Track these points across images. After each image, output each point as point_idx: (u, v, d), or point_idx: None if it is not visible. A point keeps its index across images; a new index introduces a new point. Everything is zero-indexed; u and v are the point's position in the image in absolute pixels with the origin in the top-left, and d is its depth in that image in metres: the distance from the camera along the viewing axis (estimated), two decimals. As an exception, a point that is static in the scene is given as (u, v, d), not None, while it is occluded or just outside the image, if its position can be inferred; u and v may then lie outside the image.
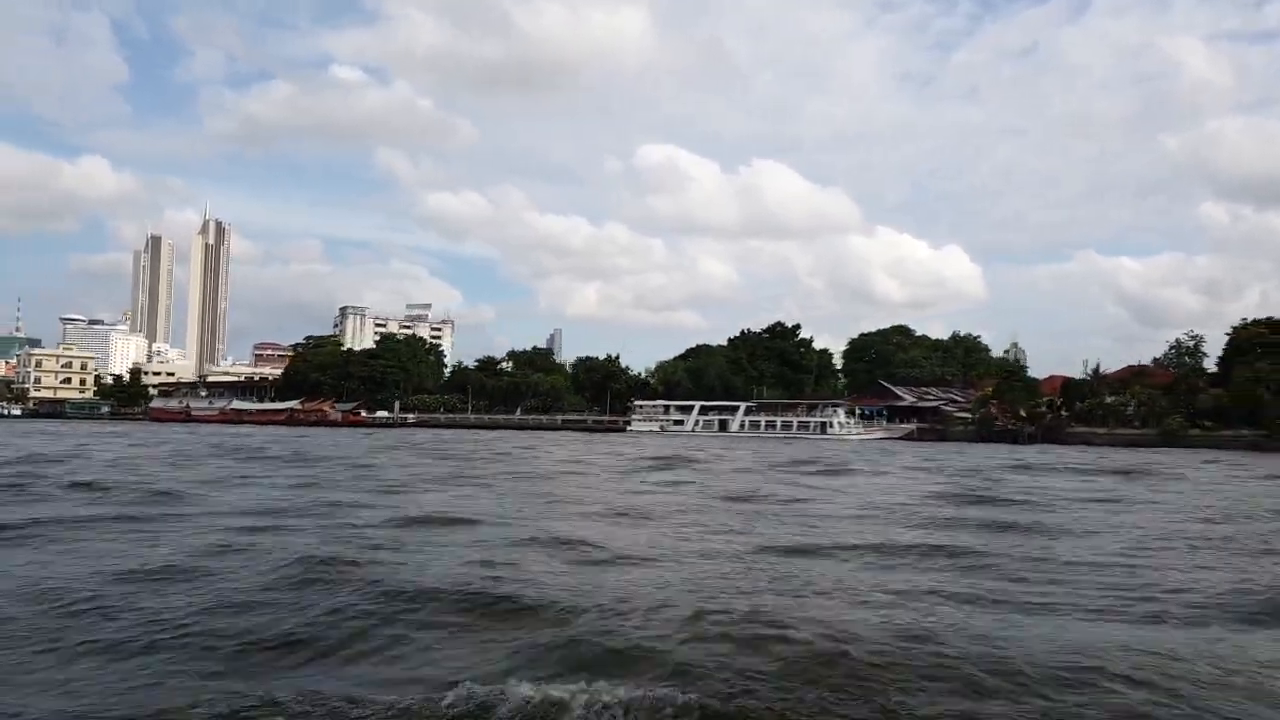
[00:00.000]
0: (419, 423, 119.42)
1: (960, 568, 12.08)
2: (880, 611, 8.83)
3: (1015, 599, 9.78)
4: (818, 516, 18.24)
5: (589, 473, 31.55)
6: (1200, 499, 24.11)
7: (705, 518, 17.64)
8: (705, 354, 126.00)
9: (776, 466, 38.04)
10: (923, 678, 6.62)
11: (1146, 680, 6.68)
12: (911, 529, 16.32)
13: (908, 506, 20.67)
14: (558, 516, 17.28)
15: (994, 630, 8.11)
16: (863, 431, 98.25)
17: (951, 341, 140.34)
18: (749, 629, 7.73)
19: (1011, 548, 13.90)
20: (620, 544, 13.22)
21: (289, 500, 19.07)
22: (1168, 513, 20.00)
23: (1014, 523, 17.11)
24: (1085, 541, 14.81)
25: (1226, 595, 10.14)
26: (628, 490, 24.39)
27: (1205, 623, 8.86)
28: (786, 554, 12.71)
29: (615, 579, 10.42)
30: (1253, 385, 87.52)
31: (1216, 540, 15.24)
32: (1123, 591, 10.38)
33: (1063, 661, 7.06)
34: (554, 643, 7.44)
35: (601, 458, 42.57)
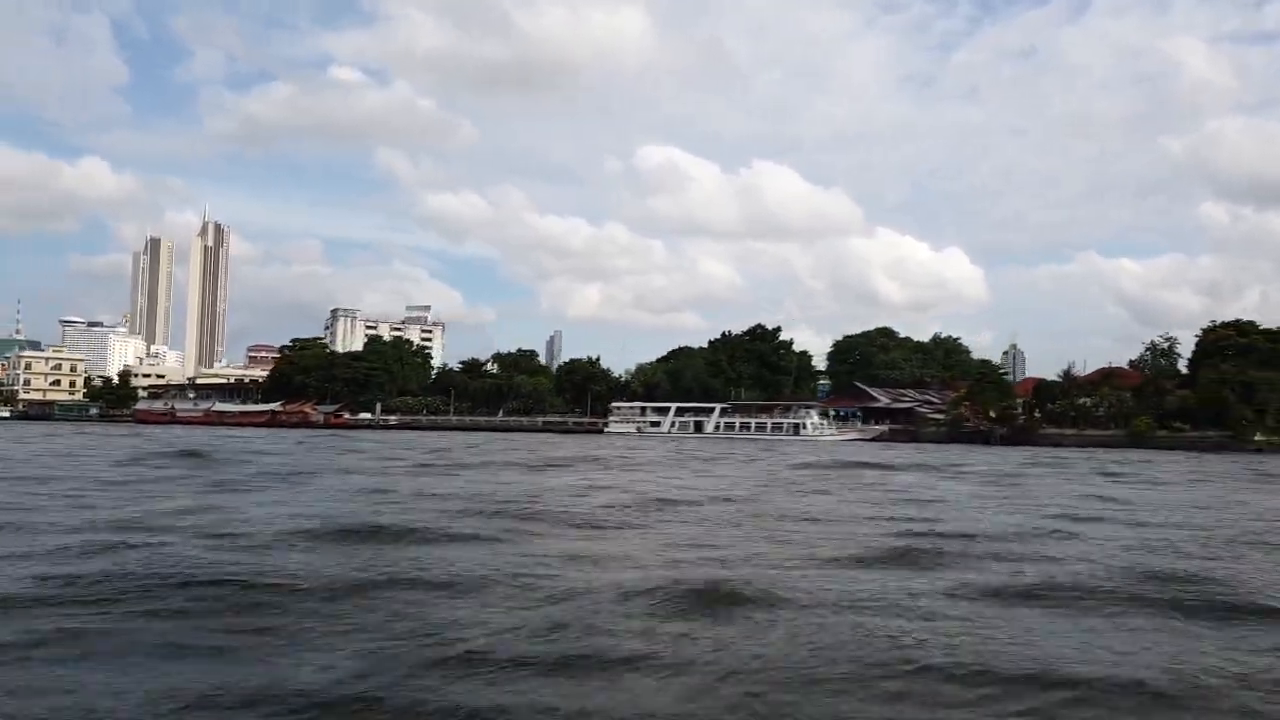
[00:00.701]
0: (401, 425, 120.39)
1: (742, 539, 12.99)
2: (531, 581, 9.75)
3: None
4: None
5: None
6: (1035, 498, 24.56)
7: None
8: (685, 356, 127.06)
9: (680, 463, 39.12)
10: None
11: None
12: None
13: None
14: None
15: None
16: (835, 433, 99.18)
17: (932, 344, 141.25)
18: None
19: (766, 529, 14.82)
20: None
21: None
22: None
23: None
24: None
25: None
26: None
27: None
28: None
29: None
30: (1218, 387, 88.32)
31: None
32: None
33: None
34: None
35: (510, 454, 43.62)
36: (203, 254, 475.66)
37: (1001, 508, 20.75)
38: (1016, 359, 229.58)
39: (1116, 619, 8.80)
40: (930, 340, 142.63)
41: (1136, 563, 11.97)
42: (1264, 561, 12.92)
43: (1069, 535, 15.19)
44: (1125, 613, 9.03)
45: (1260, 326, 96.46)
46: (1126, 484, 31.30)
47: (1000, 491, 26.46)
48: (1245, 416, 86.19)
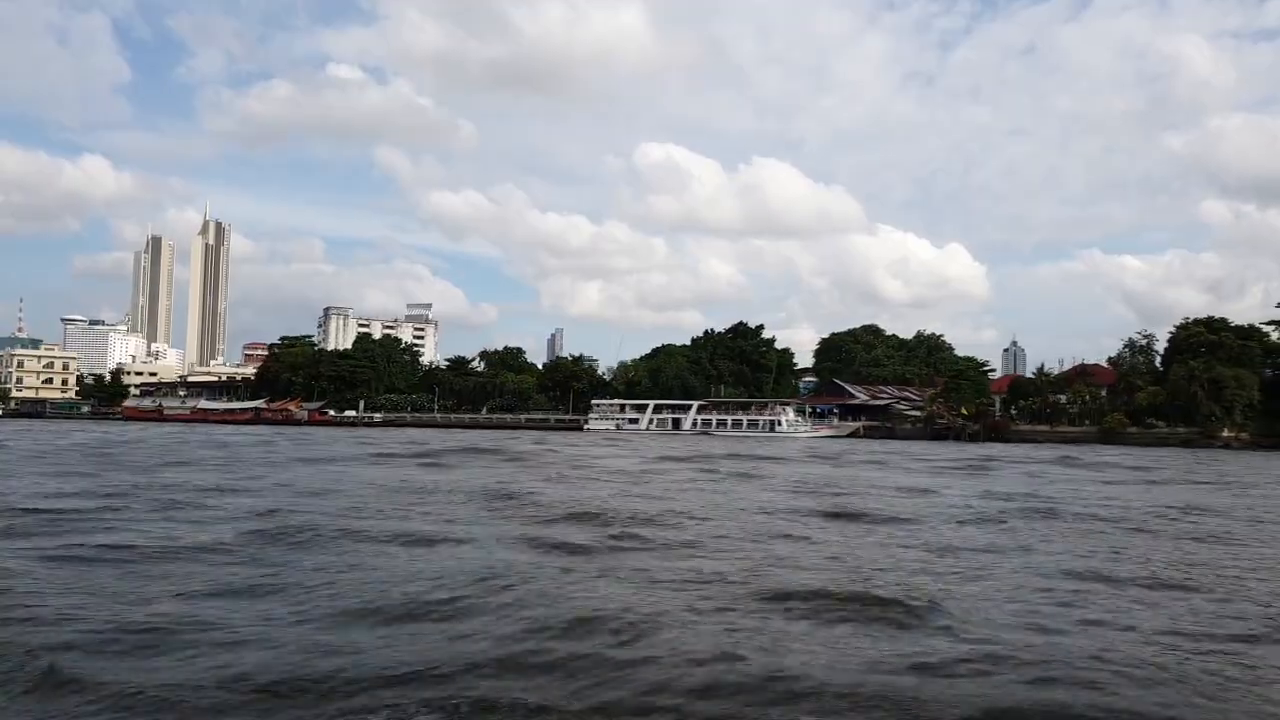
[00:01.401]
0: (385, 422, 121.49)
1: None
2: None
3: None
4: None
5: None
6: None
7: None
8: (666, 354, 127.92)
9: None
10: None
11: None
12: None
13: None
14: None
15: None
16: (809, 430, 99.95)
17: (916, 341, 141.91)
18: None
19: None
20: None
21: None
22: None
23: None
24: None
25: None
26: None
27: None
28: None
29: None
30: (1187, 383, 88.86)
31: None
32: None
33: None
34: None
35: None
36: (203, 253, 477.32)
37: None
38: (1017, 356, 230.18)
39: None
40: (914, 338, 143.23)
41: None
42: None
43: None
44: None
45: (1232, 323, 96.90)
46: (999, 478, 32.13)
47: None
48: (1213, 413, 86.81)
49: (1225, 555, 13.51)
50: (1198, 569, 12.08)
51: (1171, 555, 13.36)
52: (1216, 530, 16.70)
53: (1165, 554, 13.44)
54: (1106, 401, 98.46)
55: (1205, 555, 13.45)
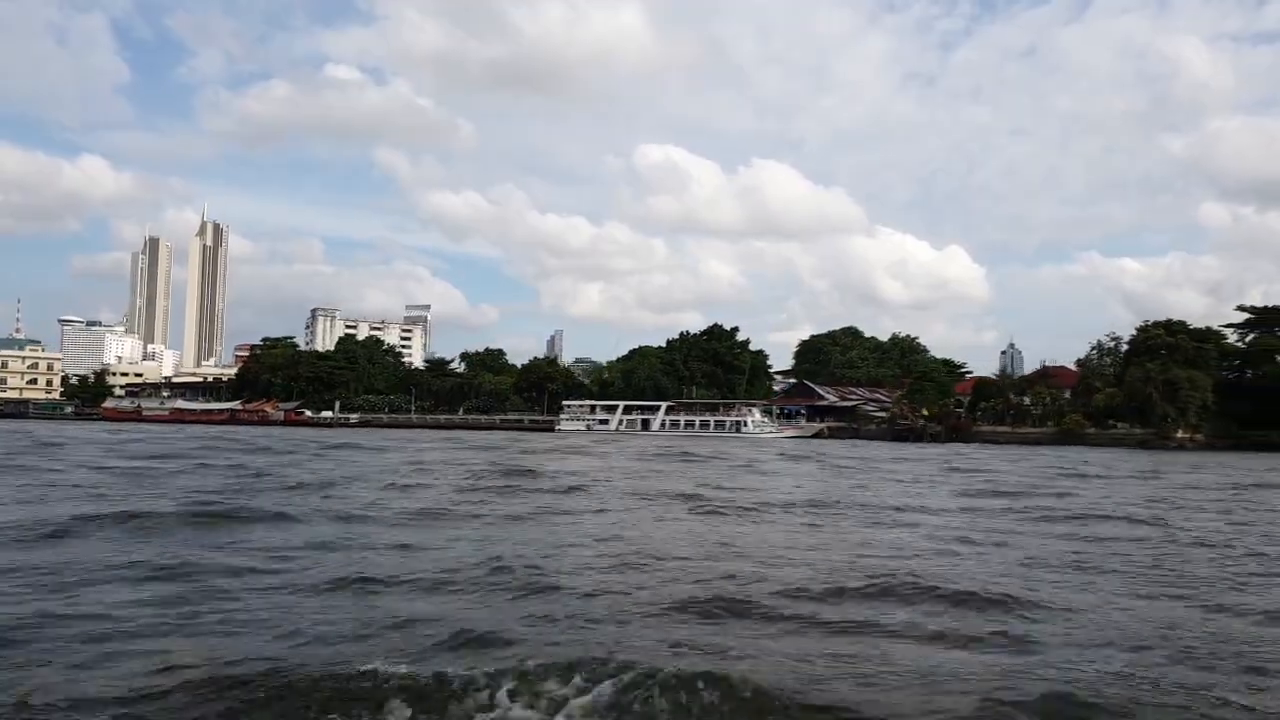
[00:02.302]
0: (361, 423, 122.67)
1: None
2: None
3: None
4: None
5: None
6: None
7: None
8: (641, 355, 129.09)
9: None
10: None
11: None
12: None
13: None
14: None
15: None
16: (775, 430, 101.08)
17: (890, 343, 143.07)
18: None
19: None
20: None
21: None
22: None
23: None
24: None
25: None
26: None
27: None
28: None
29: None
30: (1143, 385, 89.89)
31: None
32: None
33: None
34: None
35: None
36: (201, 254, 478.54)
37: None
38: (1014, 358, 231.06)
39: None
40: (889, 340, 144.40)
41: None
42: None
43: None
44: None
45: (1190, 326, 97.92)
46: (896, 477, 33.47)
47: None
48: (1168, 414, 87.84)
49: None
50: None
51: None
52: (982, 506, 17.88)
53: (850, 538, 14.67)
54: (1069, 403, 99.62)
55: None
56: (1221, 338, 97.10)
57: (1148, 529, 17.05)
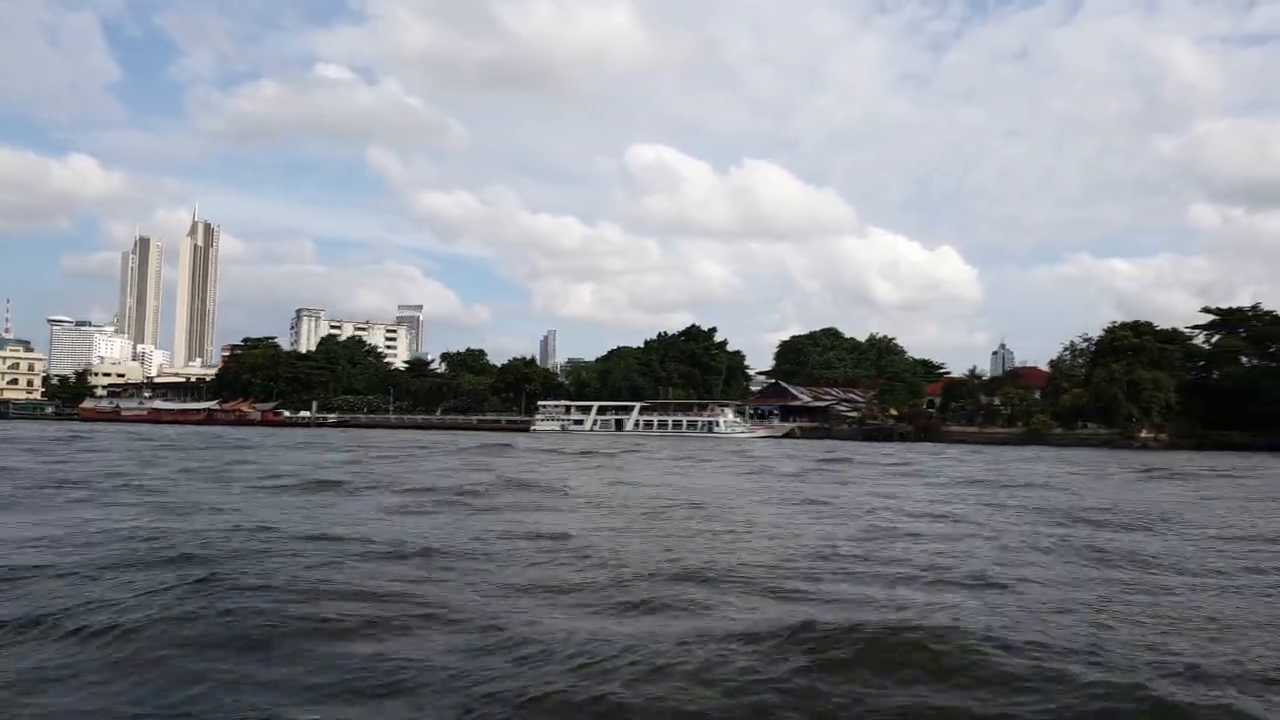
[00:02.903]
0: (339, 422, 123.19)
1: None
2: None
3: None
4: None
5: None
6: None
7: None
8: (618, 356, 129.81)
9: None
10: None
11: None
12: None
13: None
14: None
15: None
16: (746, 430, 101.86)
17: (868, 344, 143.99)
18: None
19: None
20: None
21: None
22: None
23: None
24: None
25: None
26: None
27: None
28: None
29: None
30: (1108, 385, 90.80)
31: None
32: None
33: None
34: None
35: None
36: (192, 253, 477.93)
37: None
38: (1005, 359, 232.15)
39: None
40: (866, 341, 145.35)
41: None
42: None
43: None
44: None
45: (1156, 327, 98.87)
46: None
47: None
48: (1132, 414, 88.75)
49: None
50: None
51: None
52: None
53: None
54: (1037, 404, 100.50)
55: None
56: (1187, 339, 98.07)
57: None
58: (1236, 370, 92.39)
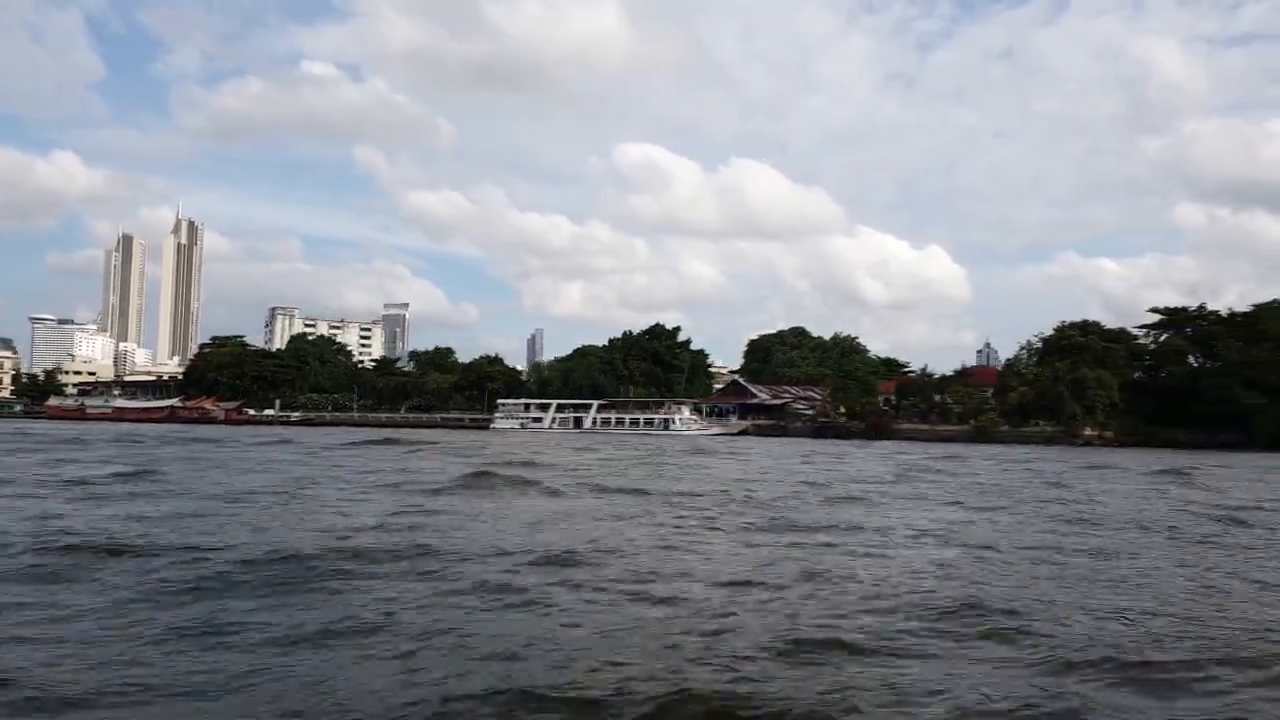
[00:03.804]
0: (303, 421, 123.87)
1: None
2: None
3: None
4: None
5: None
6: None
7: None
8: (581, 355, 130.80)
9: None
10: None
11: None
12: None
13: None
14: None
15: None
16: (700, 428, 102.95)
17: (831, 343, 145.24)
18: None
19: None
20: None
21: None
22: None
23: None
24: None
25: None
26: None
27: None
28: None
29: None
30: (1053, 384, 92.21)
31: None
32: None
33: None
34: None
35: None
36: (176, 251, 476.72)
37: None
38: (990, 358, 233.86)
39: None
40: (830, 339, 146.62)
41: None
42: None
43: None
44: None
45: (1103, 327, 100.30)
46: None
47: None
48: (1075, 412, 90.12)
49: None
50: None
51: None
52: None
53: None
54: (987, 401, 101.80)
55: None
56: (1133, 338, 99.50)
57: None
58: (1180, 370, 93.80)
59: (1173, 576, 11.24)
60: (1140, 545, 14.14)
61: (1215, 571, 11.74)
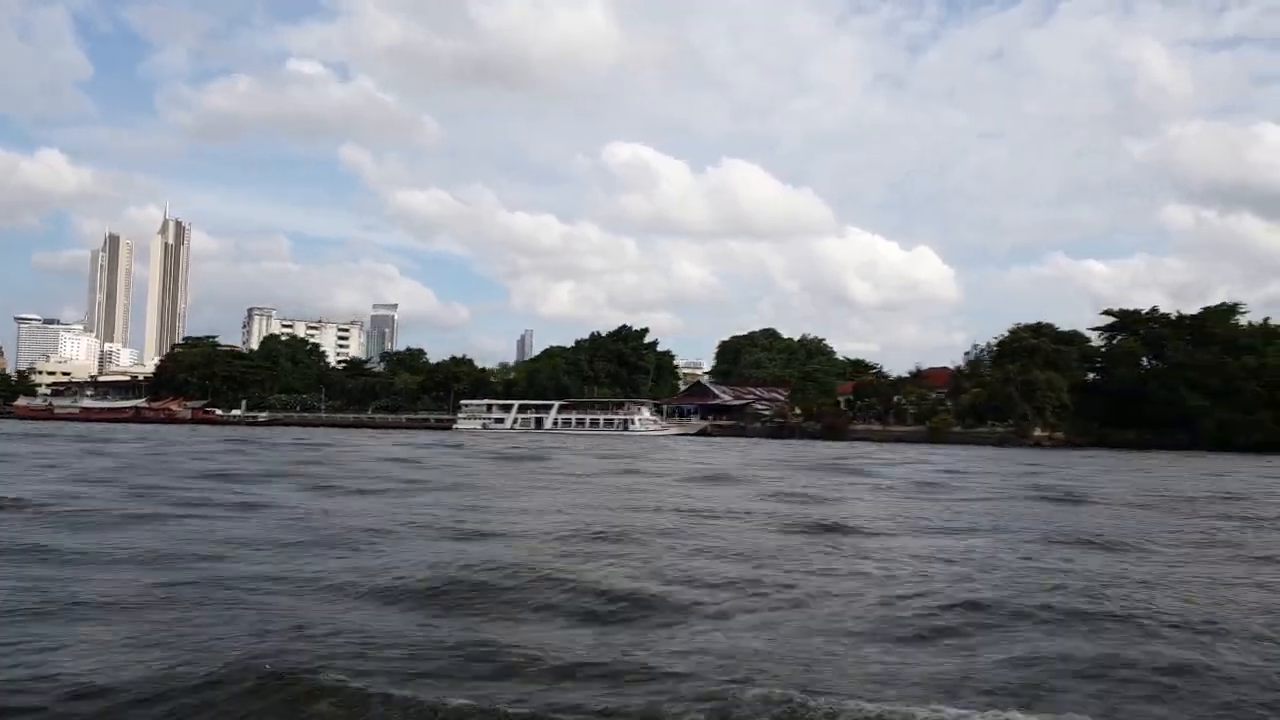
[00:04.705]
0: (270, 421, 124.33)
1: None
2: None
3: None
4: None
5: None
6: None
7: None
8: (547, 356, 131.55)
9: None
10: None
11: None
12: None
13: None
14: None
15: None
16: (659, 428, 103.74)
17: (798, 344, 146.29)
18: None
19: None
20: None
21: None
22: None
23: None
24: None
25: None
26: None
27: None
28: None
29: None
30: (1004, 385, 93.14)
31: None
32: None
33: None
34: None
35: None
36: (163, 251, 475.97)
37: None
38: (978, 358, 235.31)
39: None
40: (797, 341, 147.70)
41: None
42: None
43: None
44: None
45: (1057, 329, 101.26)
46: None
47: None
48: (1025, 413, 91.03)
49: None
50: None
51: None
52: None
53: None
54: (944, 403, 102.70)
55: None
56: (1086, 341, 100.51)
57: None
58: (1129, 372, 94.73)
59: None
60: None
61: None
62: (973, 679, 6.65)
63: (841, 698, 5.86)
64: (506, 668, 6.60)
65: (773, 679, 6.31)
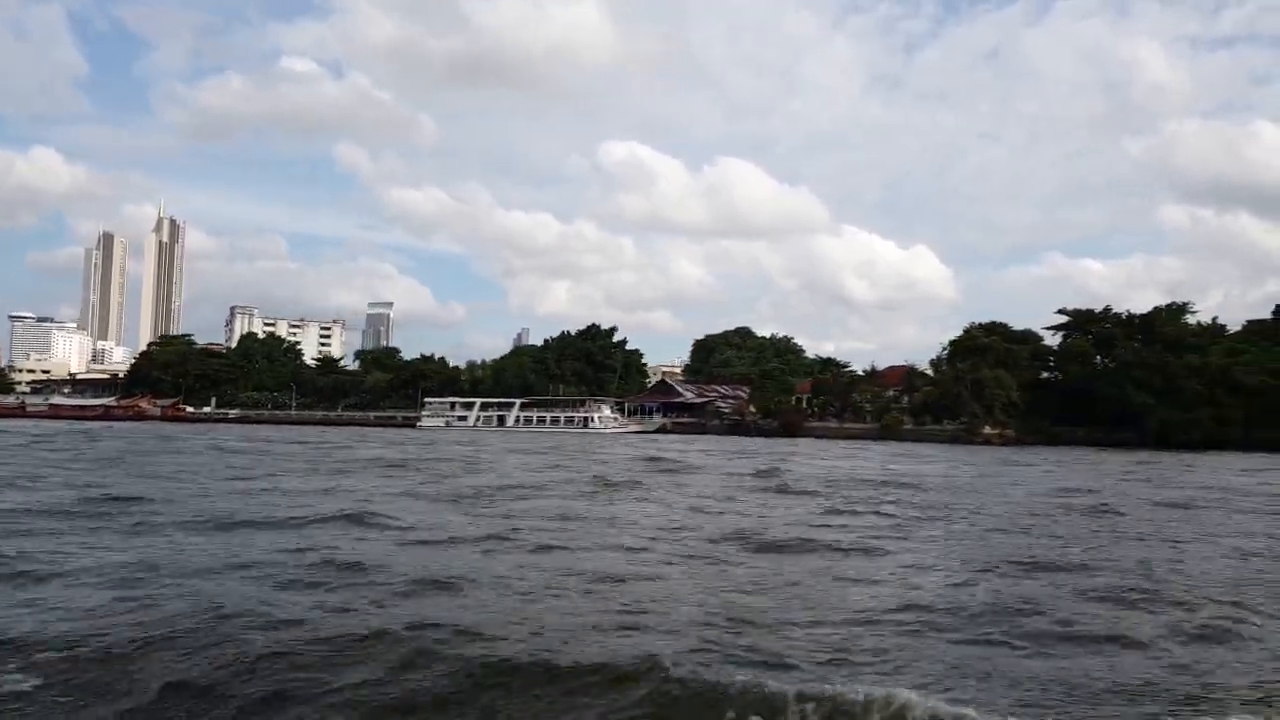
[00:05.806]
0: (240, 418, 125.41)
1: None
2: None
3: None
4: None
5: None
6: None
7: None
8: (516, 355, 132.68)
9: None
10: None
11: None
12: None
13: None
14: None
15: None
16: (618, 426, 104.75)
17: (768, 343, 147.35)
18: None
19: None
20: None
21: None
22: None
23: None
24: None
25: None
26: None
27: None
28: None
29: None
30: (954, 384, 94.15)
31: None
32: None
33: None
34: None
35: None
36: (157, 249, 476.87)
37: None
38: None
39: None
40: (767, 339, 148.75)
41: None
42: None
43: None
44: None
45: (1012, 329, 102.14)
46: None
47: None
48: (975, 411, 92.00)
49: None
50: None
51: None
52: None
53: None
54: (898, 400, 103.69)
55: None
56: (1038, 340, 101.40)
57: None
58: (1080, 370, 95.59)
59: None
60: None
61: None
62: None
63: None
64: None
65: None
